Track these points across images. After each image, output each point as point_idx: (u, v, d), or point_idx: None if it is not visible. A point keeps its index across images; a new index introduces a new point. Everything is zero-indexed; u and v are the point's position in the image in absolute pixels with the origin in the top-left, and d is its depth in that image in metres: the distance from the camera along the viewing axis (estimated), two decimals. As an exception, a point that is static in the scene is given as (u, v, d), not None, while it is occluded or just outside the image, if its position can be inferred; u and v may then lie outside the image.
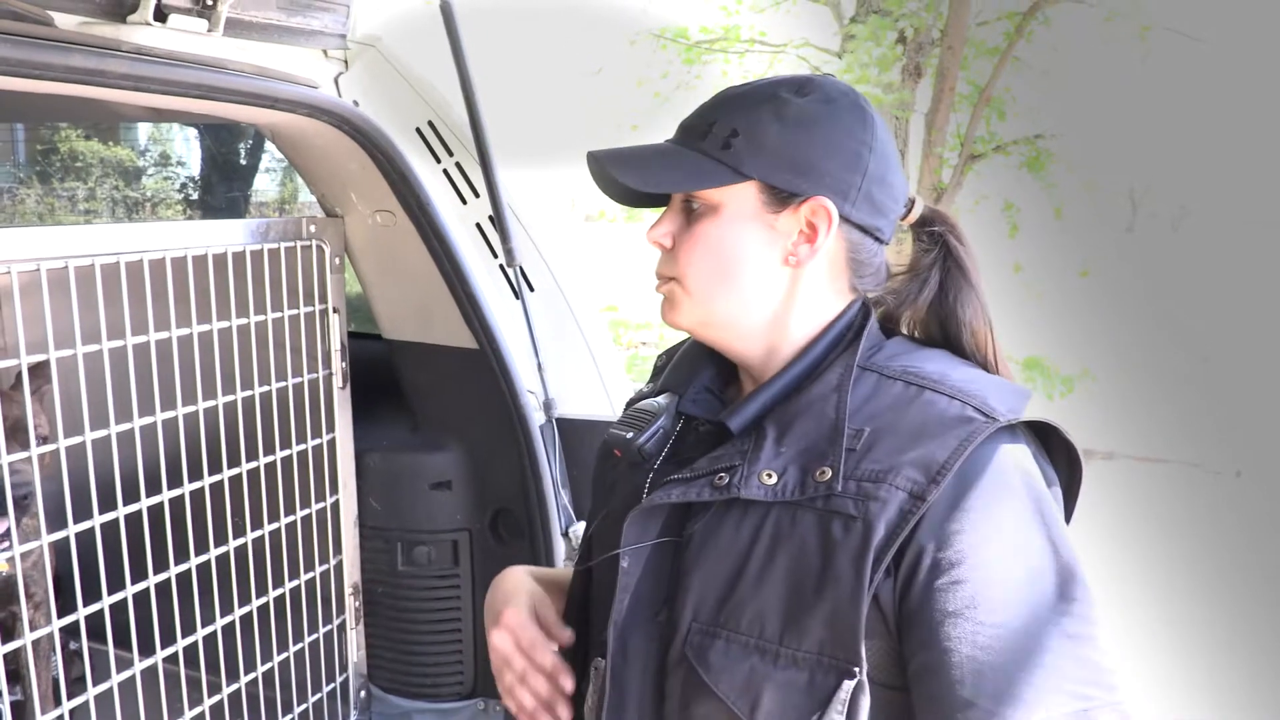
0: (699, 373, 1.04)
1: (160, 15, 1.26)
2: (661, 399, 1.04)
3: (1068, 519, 0.93)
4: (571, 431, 1.81)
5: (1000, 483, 0.84)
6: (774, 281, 0.95)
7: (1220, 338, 10.40)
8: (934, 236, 1.01)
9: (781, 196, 0.93)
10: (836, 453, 0.87)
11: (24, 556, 1.42)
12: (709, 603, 0.90)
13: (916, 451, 0.84)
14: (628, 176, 0.96)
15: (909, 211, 1.01)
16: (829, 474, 0.86)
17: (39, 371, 1.46)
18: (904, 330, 1.02)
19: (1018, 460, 0.86)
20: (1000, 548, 0.83)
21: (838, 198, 0.93)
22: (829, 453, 0.87)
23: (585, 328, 1.90)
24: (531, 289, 1.84)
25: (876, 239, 0.98)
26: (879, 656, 0.85)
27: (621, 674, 0.96)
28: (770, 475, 0.88)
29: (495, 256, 1.82)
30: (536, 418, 1.78)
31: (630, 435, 1.02)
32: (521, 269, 1.81)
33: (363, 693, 1.94)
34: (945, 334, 1.00)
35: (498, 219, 1.72)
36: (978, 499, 0.83)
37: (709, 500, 0.92)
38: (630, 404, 1.11)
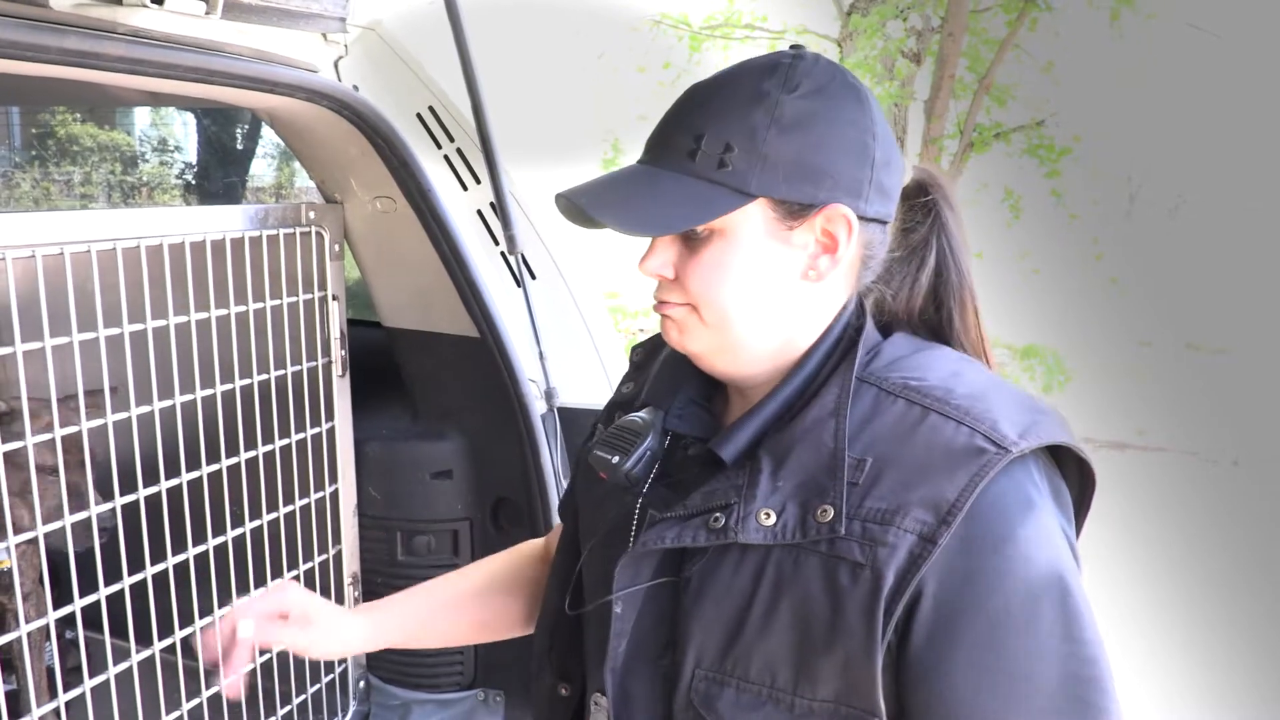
0: (682, 384, 0.97)
1: (157, -3, 1.24)
2: (645, 414, 0.97)
3: (1078, 530, 0.89)
4: (573, 420, 1.80)
5: (1010, 521, 0.79)
6: (794, 299, 0.87)
7: (1218, 326, 10.41)
8: (926, 206, 0.93)
9: (794, 209, 0.84)
10: (838, 489, 0.81)
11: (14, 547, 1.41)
12: (712, 649, 0.86)
13: (924, 488, 0.79)
14: (614, 218, 0.84)
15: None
16: (830, 513, 0.80)
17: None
18: (899, 315, 0.95)
19: (1029, 494, 0.81)
20: (1006, 590, 0.79)
21: (852, 198, 0.85)
22: (829, 488, 0.81)
23: (587, 315, 1.89)
24: (533, 276, 1.82)
25: (885, 224, 0.91)
26: (888, 698, 0.81)
27: (626, 718, 0.93)
28: (769, 515, 0.83)
29: (496, 243, 1.80)
30: (538, 406, 1.76)
31: (616, 460, 0.94)
32: (523, 256, 1.79)
33: (362, 683, 1.93)
34: (941, 319, 0.94)
35: (499, 205, 1.71)
36: (985, 539, 0.79)
37: (705, 545, 0.86)
38: (611, 407, 1.06)
